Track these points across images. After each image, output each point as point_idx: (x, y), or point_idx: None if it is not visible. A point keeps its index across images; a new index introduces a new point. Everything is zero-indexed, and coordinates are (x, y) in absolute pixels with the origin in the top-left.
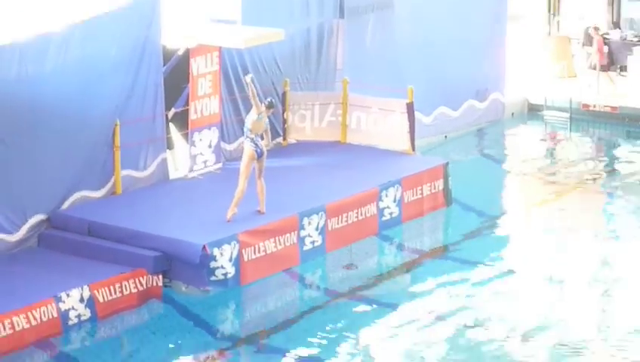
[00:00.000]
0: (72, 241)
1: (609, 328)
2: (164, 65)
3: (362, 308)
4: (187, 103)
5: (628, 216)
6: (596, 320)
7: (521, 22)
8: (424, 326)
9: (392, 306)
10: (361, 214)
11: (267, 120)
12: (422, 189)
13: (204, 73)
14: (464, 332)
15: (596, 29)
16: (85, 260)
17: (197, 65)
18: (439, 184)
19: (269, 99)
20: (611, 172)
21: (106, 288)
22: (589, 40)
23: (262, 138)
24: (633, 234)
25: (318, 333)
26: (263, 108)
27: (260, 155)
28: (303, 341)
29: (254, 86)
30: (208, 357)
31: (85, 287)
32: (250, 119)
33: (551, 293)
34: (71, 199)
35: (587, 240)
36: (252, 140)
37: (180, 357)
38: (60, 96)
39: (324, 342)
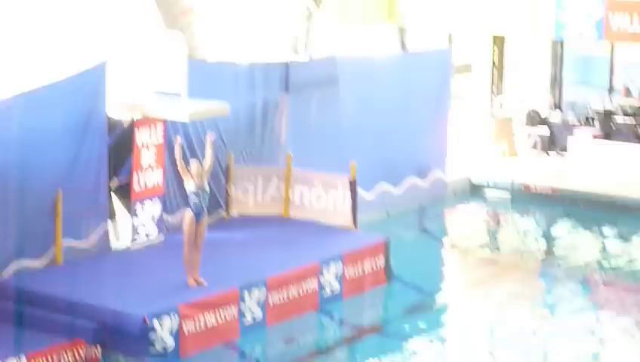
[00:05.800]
0: (10, 311)
1: None
2: (109, 135)
3: None
4: (131, 174)
5: (565, 296)
6: None
7: (464, 101)
8: None
9: None
10: (302, 289)
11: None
12: (363, 265)
13: (148, 145)
14: None
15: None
16: (23, 330)
17: (141, 137)
18: (380, 260)
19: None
20: (550, 253)
21: (44, 358)
22: (531, 120)
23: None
24: (570, 314)
25: None
26: (189, 173)
27: (198, 216)
28: None
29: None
30: None
31: (22, 357)
32: (188, 187)
33: None
34: (10, 268)
35: (525, 318)
36: (193, 201)
37: None
38: (1, 165)
39: None
